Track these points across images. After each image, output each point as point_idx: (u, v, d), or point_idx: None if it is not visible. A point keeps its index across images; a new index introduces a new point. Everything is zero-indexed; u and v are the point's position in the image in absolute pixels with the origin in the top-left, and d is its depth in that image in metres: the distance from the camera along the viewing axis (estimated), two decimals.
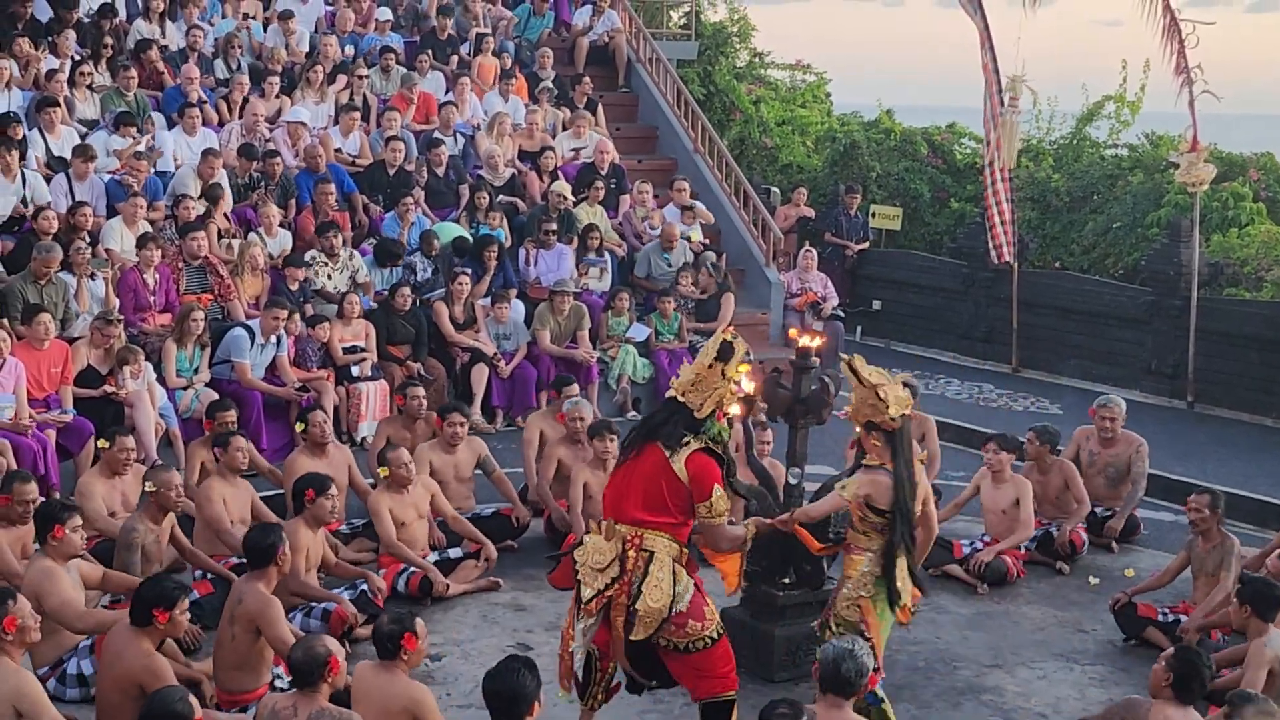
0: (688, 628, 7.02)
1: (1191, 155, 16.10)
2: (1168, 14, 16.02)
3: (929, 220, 21.71)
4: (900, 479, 7.45)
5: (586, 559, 7.11)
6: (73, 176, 13.90)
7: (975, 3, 17.10)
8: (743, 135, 23.47)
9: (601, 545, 7.13)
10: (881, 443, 7.52)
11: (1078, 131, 22.12)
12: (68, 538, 7.89)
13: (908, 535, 7.51)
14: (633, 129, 20.02)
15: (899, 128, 22.99)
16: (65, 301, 12.42)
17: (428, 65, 17.82)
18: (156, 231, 13.55)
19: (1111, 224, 19.23)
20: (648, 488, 7.10)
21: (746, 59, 25.83)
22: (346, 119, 16.33)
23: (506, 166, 16.79)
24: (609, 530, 7.15)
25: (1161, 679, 6.58)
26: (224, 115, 16.05)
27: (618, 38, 20.30)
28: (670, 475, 7.06)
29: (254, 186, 14.89)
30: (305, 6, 18.31)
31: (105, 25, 16.12)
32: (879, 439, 7.53)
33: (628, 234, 16.88)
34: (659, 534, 7.05)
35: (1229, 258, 17.37)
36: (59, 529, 7.86)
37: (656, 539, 7.04)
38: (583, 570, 7.11)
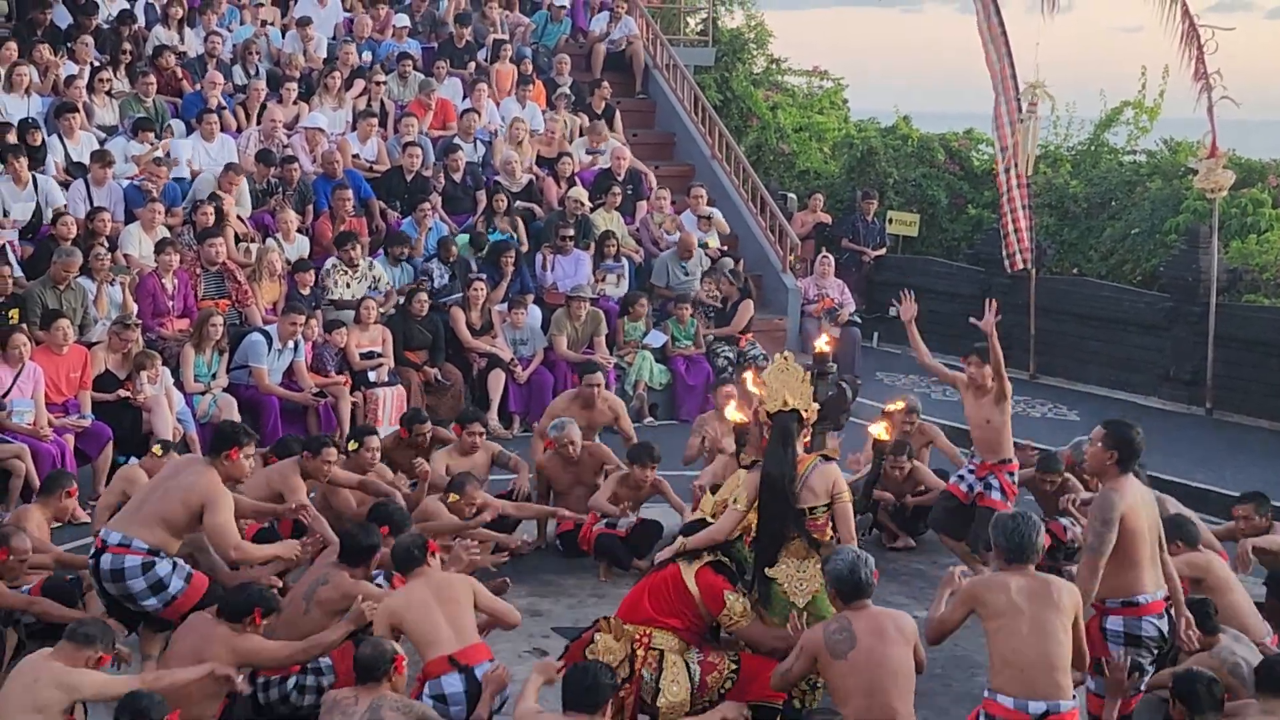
0: (709, 682, 7.19)
1: (1210, 161, 16.04)
2: (1186, 20, 15.98)
3: (946, 226, 21.68)
4: (767, 474, 7.54)
5: (600, 658, 7.18)
6: (91, 182, 13.96)
7: (992, 8, 17.05)
8: (760, 141, 23.46)
9: (612, 645, 7.24)
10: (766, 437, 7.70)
11: (1096, 137, 22.07)
12: (240, 462, 8.23)
13: (783, 529, 7.52)
14: (650, 135, 20.03)
15: (916, 134, 22.95)
16: (84, 307, 12.46)
17: (445, 71, 17.85)
18: (175, 237, 13.60)
19: (1130, 230, 19.17)
20: (657, 590, 7.37)
21: (763, 65, 25.82)
22: (364, 125, 16.36)
23: (524, 173, 16.80)
24: (618, 629, 7.27)
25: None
26: (242, 121, 16.10)
27: (635, 44, 20.31)
28: (681, 586, 7.34)
29: (272, 192, 14.93)
30: (323, 13, 18.35)
31: (124, 31, 16.20)
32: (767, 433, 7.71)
33: (645, 240, 16.89)
34: (667, 633, 7.24)
35: (1248, 264, 17.30)
36: (235, 451, 8.14)
37: (665, 638, 7.23)
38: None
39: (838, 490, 7.66)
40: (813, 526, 7.62)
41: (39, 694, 6.62)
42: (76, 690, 6.69)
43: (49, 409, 11.38)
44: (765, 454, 7.65)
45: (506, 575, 9.31)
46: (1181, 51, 16.13)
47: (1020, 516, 6.78)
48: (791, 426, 7.64)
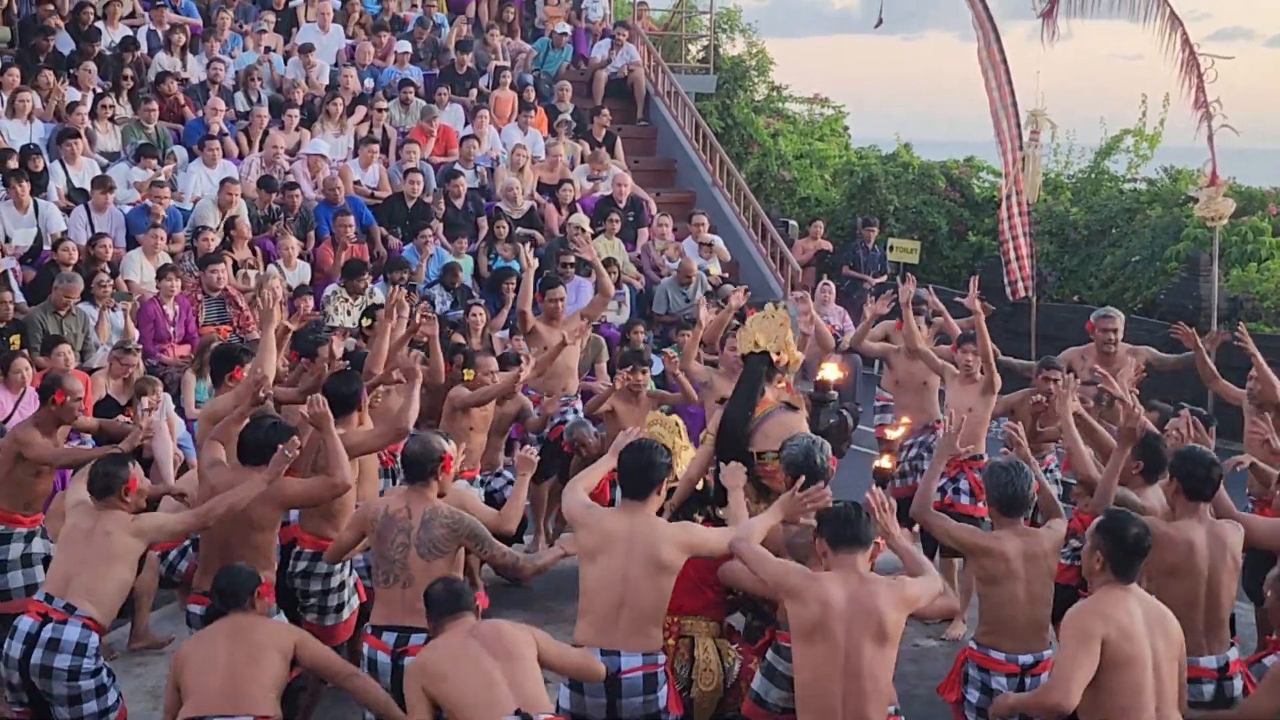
0: (746, 693, 6.97)
1: (1210, 189, 16.07)
2: (1186, 49, 16.02)
3: (947, 254, 21.74)
4: (727, 413, 7.62)
5: None
6: (92, 208, 13.98)
7: (992, 36, 17.10)
8: (761, 168, 23.54)
9: None
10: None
11: (1096, 165, 22.16)
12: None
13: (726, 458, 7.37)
14: (651, 162, 20.07)
15: (917, 161, 23.04)
16: (85, 333, 12.46)
17: (447, 98, 17.89)
18: (176, 263, 13.61)
19: (1130, 258, 19.23)
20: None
21: (765, 92, 25.95)
22: (365, 151, 16.39)
23: (525, 199, 16.82)
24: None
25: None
26: (244, 148, 16.13)
27: (636, 71, 20.36)
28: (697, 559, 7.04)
29: (273, 218, 14.95)
30: (325, 39, 18.40)
31: (127, 58, 16.22)
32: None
33: (646, 267, 16.90)
34: (697, 618, 7.00)
35: (1248, 292, 17.34)
36: (238, 370, 8.33)
37: (695, 623, 7.00)
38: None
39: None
40: (762, 471, 7.50)
41: (114, 543, 6.89)
42: (144, 533, 7.01)
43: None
44: (732, 394, 7.79)
45: (502, 601, 9.23)
46: (1181, 80, 16.17)
47: (1013, 467, 6.60)
48: (760, 369, 7.72)
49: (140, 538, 6.98)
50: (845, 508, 6.00)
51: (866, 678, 5.61)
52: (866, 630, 5.63)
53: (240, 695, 6.05)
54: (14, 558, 8.21)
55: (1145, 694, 5.61)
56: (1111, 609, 5.71)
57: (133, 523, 6.96)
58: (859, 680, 5.60)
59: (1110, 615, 5.68)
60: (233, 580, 6.47)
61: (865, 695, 5.61)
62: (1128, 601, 5.76)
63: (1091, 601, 5.83)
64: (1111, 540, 5.82)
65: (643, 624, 6.34)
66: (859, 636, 5.62)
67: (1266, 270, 17.87)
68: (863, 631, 5.62)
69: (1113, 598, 5.76)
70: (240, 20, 18.17)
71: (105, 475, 7.07)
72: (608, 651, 6.29)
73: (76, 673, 6.73)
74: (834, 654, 5.63)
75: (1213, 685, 6.54)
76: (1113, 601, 5.74)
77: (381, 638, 6.68)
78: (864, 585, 5.73)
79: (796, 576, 5.85)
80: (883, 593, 5.71)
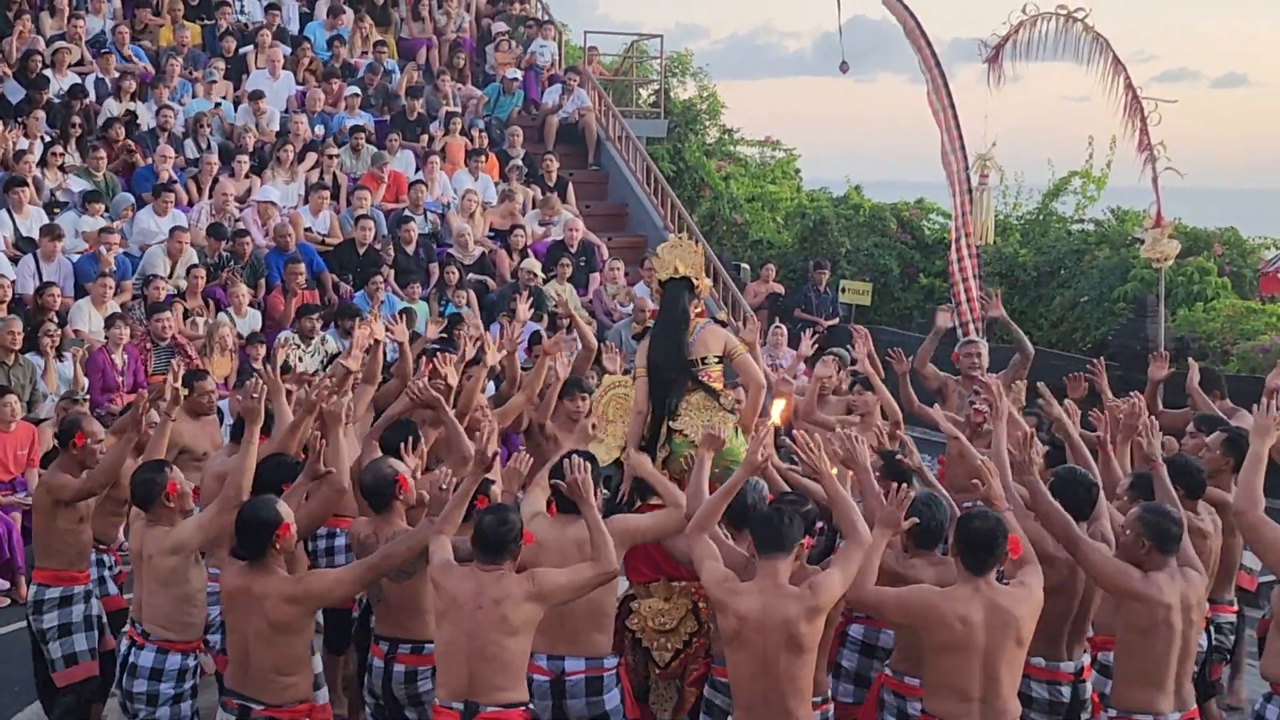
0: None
1: (1156, 230, 16.24)
2: (1130, 93, 16.22)
3: (898, 295, 21.84)
4: (654, 333, 7.98)
5: (647, 624, 7.20)
6: (40, 257, 13.89)
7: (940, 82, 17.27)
8: (713, 211, 23.62)
9: (662, 607, 7.24)
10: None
11: (1044, 206, 22.35)
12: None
13: (677, 381, 7.74)
14: (603, 207, 20.12)
15: (868, 203, 23.18)
16: (32, 383, 12.36)
17: (398, 144, 17.89)
18: (125, 312, 13.53)
19: (1079, 299, 19.38)
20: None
21: (716, 136, 26.05)
22: (316, 198, 16.36)
23: (476, 245, 16.82)
24: (666, 589, 7.26)
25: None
26: (193, 195, 16.08)
27: (587, 116, 20.43)
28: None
29: (223, 266, 14.88)
30: (275, 86, 18.38)
31: (75, 105, 16.15)
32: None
33: (598, 312, 16.91)
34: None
35: (1195, 331, 17.49)
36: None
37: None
38: (647, 636, 7.23)
39: (731, 347, 7.97)
40: (706, 376, 7.87)
41: (157, 566, 6.78)
42: (184, 545, 6.80)
43: None
44: (656, 317, 8.16)
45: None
46: (1125, 123, 16.38)
47: (931, 500, 6.50)
48: (682, 292, 8.04)
49: (178, 553, 6.79)
50: (771, 513, 6.10)
51: (784, 679, 5.86)
52: (780, 641, 5.84)
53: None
54: (78, 619, 7.87)
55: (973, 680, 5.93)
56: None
57: (169, 537, 6.79)
58: (778, 682, 5.87)
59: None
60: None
61: (784, 694, 5.87)
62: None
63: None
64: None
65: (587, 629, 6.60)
66: (774, 648, 5.84)
67: (1213, 310, 18.03)
68: (778, 643, 5.84)
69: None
70: (190, 67, 18.13)
71: (144, 483, 6.89)
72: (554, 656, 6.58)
73: (154, 698, 6.79)
74: (752, 660, 5.89)
75: (1069, 688, 6.81)
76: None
77: (379, 645, 7.00)
78: (779, 597, 5.88)
79: (719, 588, 6.02)
80: (792, 606, 5.85)
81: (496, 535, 6.09)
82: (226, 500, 6.72)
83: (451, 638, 6.07)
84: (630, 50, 24.98)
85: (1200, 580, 6.44)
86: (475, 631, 6.01)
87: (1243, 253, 19.86)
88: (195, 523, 6.87)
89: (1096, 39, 16.16)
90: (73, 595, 7.84)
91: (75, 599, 7.85)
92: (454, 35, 20.96)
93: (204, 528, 6.84)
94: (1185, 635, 6.30)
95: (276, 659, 6.32)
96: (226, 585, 6.40)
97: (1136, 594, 6.24)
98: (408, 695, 6.89)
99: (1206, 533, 7.33)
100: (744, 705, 6.00)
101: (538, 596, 6.07)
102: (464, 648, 6.03)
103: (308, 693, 6.48)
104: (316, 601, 6.47)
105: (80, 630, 7.84)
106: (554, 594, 6.12)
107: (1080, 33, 16.19)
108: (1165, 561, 6.31)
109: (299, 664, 6.42)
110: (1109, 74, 16.22)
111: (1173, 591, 6.25)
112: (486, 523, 6.15)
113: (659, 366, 7.81)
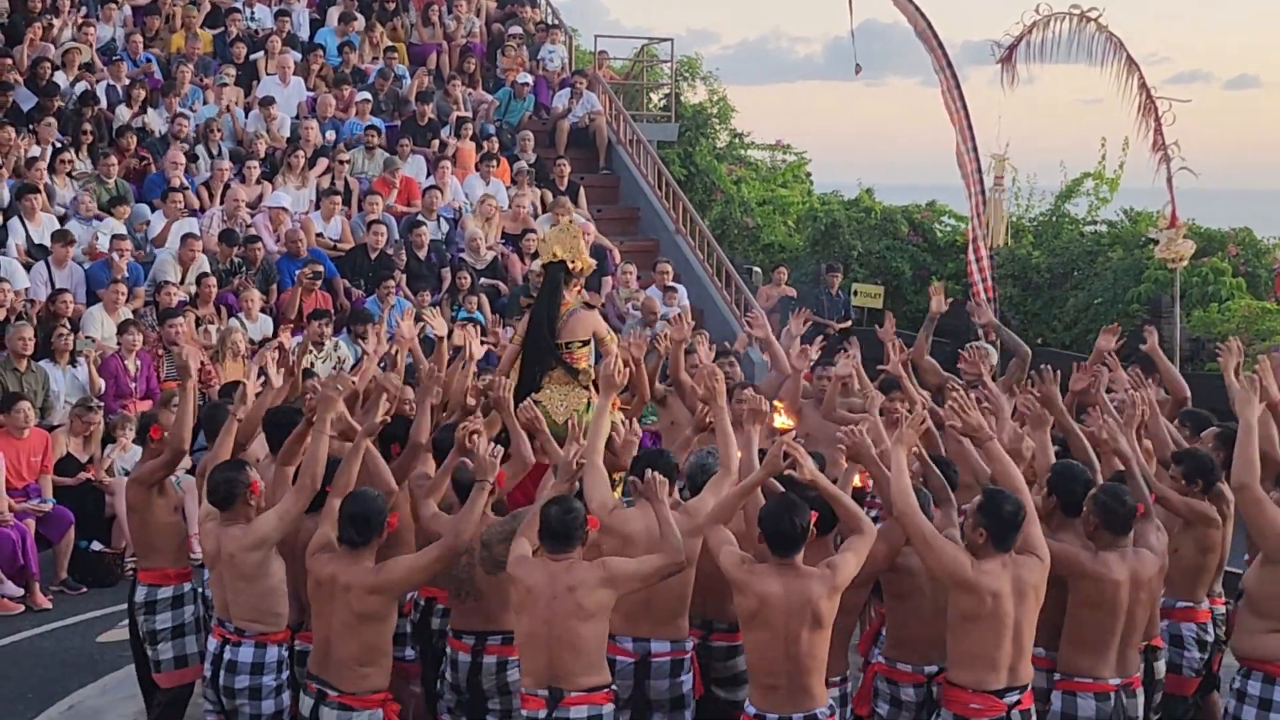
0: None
1: (1170, 231, 16.15)
2: (1144, 92, 16.13)
3: (910, 298, 21.78)
4: (533, 314, 8.94)
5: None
6: (52, 263, 13.87)
7: (953, 83, 17.22)
8: (724, 215, 23.60)
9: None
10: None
11: (1057, 208, 22.29)
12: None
13: (545, 360, 8.77)
14: (614, 210, 20.09)
15: (879, 206, 23.13)
16: (45, 389, 12.35)
17: (409, 149, 17.87)
18: (137, 318, 13.51)
19: (1093, 300, 19.32)
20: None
21: (727, 139, 26.06)
22: (328, 203, 16.35)
23: (489, 249, 16.79)
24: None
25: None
26: (205, 201, 16.05)
27: (598, 120, 20.40)
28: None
29: (235, 272, 14.85)
30: (286, 92, 18.37)
31: (86, 112, 16.14)
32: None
33: (610, 315, 16.86)
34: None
35: (1210, 332, 17.42)
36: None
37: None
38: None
39: (600, 335, 8.96)
40: (570, 358, 8.83)
41: (240, 563, 6.83)
42: (266, 539, 6.84)
43: (9, 493, 11.22)
44: (535, 299, 9.06)
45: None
46: (1139, 123, 16.28)
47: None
48: (559, 276, 8.92)
49: (260, 548, 6.83)
50: (783, 519, 6.16)
51: (805, 657, 6.08)
52: (804, 619, 6.05)
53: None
54: (190, 620, 7.78)
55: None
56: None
57: (250, 533, 6.83)
58: (799, 660, 6.07)
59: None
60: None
61: (805, 671, 6.08)
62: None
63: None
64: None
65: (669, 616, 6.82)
66: (796, 626, 6.05)
67: (1228, 311, 17.97)
68: (800, 621, 6.04)
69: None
70: (201, 74, 18.12)
71: (226, 483, 6.90)
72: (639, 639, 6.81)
73: (258, 691, 6.88)
74: (774, 639, 6.07)
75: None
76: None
77: (462, 639, 7.08)
78: (799, 577, 6.11)
79: (739, 570, 6.20)
80: (815, 586, 6.08)
81: (563, 524, 6.30)
82: (303, 489, 6.82)
83: (530, 627, 6.27)
84: (640, 54, 24.96)
85: (1154, 560, 6.66)
86: (553, 620, 6.22)
87: (1257, 253, 19.81)
88: (275, 515, 6.86)
89: (1110, 39, 16.07)
90: (184, 595, 7.77)
91: (186, 599, 7.78)
92: (464, 40, 20.94)
93: (284, 518, 6.86)
94: (1132, 610, 6.58)
95: (358, 649, 6.49)
96: (316, 574, 6.54)
97: (1086, 572, 6.52)
98: (497, 685, 7.04)
99: (1219, 525, 7.42)
100: (762, 685, 6.17)
101: (609, 582, 6.29)
102: (544, 636, 6.23)
103: (383, 683, 6.61)
104: (399, 589, 6.66)
105: (192, 632, 7.79)
106: (624, 581, 6.33)
107: (1094, 33, 16.10)
108: (1116, 541, 6.56)
109: (379, 655, 6.55)
110: (1123, 74, 16.12)
111: (1123, 569, 6.52)
112: (553, 513, 6.35)
113: (532, 344, 8.83)
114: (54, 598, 11.05)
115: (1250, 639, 6.76)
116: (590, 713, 6.28)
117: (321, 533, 6.63)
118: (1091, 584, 6.51)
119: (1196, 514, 7.22)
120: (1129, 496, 6.63)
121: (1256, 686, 6.64)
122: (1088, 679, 6.57)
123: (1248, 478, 6.49)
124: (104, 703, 9.05)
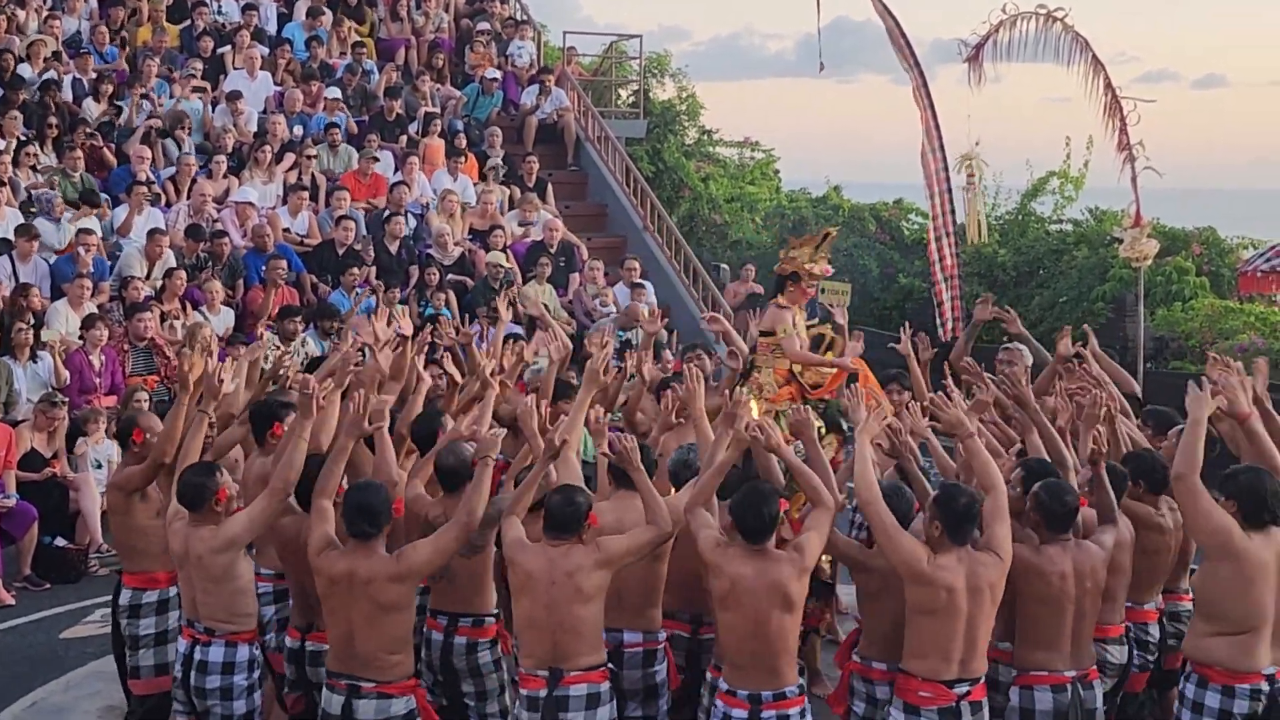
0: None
1: (1135, 230, 16.25)
2: (1109, 92, 16.22)
3: (877, 295, 21.83)
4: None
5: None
6: (16, 258, 13.79)
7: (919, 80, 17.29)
8: (692, 212, 23.62)
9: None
10: None
11: (1023, 207, 22.38)
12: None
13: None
14: (582, 207, 20.09)
15: (847, 204, 23.20)
16: (8, 385, 12.28)
17: (376, 144, 17.82)
18: (103, 313, 13.44)
19: (1058, 298, 19.42)
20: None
21: (695, 136, 26.05)
22: (294, 199, 16.30)
23: (456, 245, 16.77)
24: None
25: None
26: (171, 196, 15.98)
27: (566, 116, 20.39)
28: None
29: (201, 267, 14.79)
30: (253, 86, 18.29)
31: (50, 104, 16.02)
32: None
33: (578, 312, 16.88)
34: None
35: (1174, 331, 17.53)
36: (278, 427, 7.69)
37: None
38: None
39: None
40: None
41: (209, 565, 6.77)
42: (235, 541, 6.79)
43: None
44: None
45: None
46: (1105, 123, 16.38)
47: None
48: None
49: (229, 550, 6.77)
50: (754, 508, 6.31)
51: (775, 638, 6.27)
52: (774, 601, 6.23)
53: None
54: (173, 627, 7.52)
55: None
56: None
57: (218, 535, 6.75)
58: (769, 642, 6.26)
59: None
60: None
61: (774, 653, 6.27)
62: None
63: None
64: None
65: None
66: (767, 607, 6.23)
67: (1191, 309, 18.08)
68: (771, 603, 6.23)
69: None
70: (167, 67, 18.04)
71: (195, 487, 6.81)
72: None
73: (229, 691, 6.85)
74: (745, 620, 6.26)
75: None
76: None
77: (437, 619, 7.18)
78: (770, 560, 6.30)
79: (713, 553, 6.37)
80: (785, 568, 6.27)
81: (564, 514, 6.45)
82: (274, 492, 6.76)
83: (530, 611, 6.42)
84: (609, 51, 24.95)
85: (1099, 553, 6.78)
86: (553, 604, 6.38)
87: (1221, 252, 19.93)
88: (245, 517, 6.82)
89: (1076, 39, 16.16)
90: (169, 600, 7.60)
91: (172, 604, 7.59)
92: (432, 35, 20.91)
93: (254, 521, 6.82)
94: (1080, 602, 6.70)
95: (383, 639, 6.48)
96: (328, 572, 6.47)
97: (1029, 566, 6.62)
98: (468, 666, 7.11)
99: (1165, 528, 7.54)
100: (734, 664, 6.36)
101: (605, 562, 6.46)
102: (544, 620, 6.39)
103: (412, 669, 6.65)
104: (421, 573, 6.66)
105: (175, 640, 7.50)
106: (619, 557, 6.51)
107: (1060, 33, 16.20)
108: (1055, 537, 6.72)
109: (404, 643, 6.57)
110: (1089, 74, 16.22)
111: (1065, 561, 6.67)
112: (555, 503, 6.51)
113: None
114: (17, 594, 10.99)
115: (1193, 640, 6.84)
116: (590, 690, 6.40)
117: (320, 533, 6.57)
118: (1036, 577, 6.64)
119: (1136, 516, 7.31)
120: (1070, 495, 6.76)
121: (1191, 690, 6.71)
122: (1043, 672, 6.68)
123: (1186, 470, 6.60)
124: (68, 699, 9.00)
